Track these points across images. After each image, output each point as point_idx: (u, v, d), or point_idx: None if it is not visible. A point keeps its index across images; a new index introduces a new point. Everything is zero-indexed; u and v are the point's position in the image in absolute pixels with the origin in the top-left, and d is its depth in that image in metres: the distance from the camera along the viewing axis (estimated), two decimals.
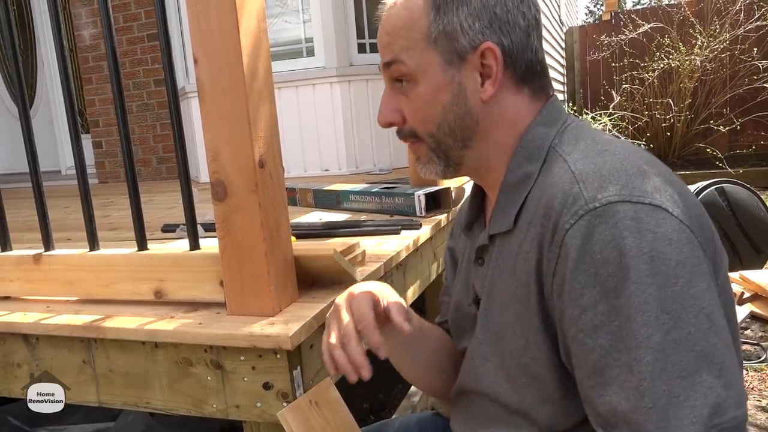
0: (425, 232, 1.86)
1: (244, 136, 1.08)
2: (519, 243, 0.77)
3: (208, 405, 1.17)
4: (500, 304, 0.81)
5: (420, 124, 0.85)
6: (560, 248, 0.68)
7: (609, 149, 0.74)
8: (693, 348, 0.61)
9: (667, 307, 0.62)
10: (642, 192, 0.66)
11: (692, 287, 0.63)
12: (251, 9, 1.09)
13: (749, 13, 6.43)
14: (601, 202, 0.66)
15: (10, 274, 1.41)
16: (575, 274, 0.66)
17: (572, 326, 0.67)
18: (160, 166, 4.69)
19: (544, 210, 0.73)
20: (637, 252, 0.63)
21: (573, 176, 0.71)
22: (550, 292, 0.72)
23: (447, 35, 0.80)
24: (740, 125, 6.42)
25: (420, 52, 0.81)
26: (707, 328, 0.62)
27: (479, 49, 0.80)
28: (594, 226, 0.66)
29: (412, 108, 0.85)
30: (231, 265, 1.15)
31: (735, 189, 3.54)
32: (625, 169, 0.69)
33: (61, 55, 1.26)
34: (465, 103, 0.82)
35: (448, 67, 0.81)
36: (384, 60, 0.85)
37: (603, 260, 0.64)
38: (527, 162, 0.81)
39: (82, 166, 1.31)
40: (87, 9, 4.65)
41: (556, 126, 0.82)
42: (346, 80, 3.58)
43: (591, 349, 0.65)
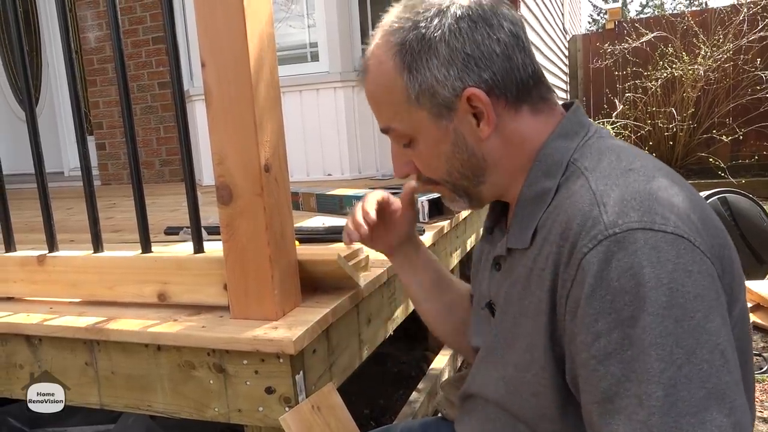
0: (428, 238, 1.86)
1: (250, 140, 1.09)
2: (534, 258, 0.76)
3: (210, 408, 1.17)
4: (512, 316, 0.80)
5: (433, 174, 0.87)
6: (576, 271, 0.67)
7: (634, 168, 0.72)
8: (704, 385, 0.60)
9: (682, 341, 0.61)
10: (664, 219, 0.65)
11: (708, 322, 0.62)
12: (259, 13, 1.09)
13: (753, 23, 6.45)
14: (621, 228, 0.65)
15: (13, 275, 1.41)
16: (590, 300, 0.65)
17: (583, 351, 0.66)
18: (163, 168, 4.69)
19: (561, 229, 0.71)
20: (656, 283, 0.62)
21: (594, 197, 0.69)
22: (562, 313, 0.70)
23: (426, 92, 0.80)
24: (743, 135, 6.42)
25: (407, 113, 0.82)
26: (720, 365, 0.61)
27: (463, 96, 0.79)
28: (613, 252, 0.64)
29: (419, 162, 0.87)
30: (235, 268, 1.15)
31: (737, 199, 3.53)
32: (649, 192, 0.67)
33: (69, 57, 1.27)
34: (466, 147, 0.82)
35: (438, 120, 0.81)
36: (380, 127, 0.88)
37: (620, 288, 0.63)
38: (545, 177, 0.79)
39: (87, 169, 1.31)
40: (92, 11, 4.66)
41: (577, 138, 0.80)
42: (350, 85, 3.59)
43: (602, 377, 0.64)
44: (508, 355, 0.81)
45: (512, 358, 0.80)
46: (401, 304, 1.68)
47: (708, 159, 6.34)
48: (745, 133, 6.46)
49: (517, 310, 0.79)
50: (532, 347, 0.75)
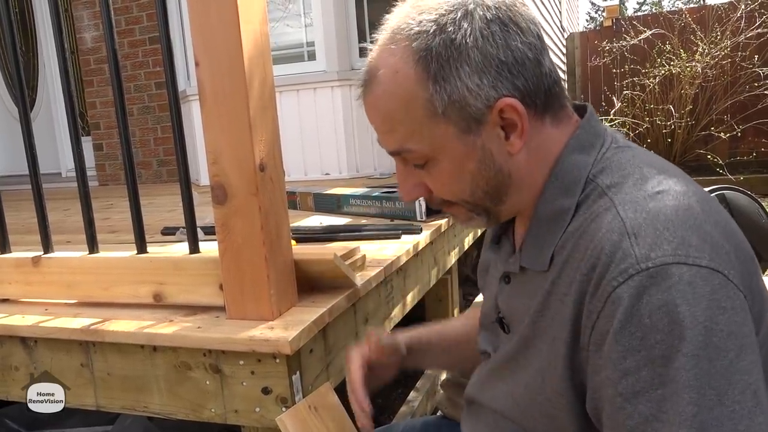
0: (425, 237, 1.85)
1: (244, 139, 1.08)
2: (552, 281, 0.73)
3: (206, 409, 1.16)
4: (523, 336, 0.77)
5: (452, 196, 0.78)
6: (604, 304, 0.64)
7: (662, 190, 0.67)
8: (737, 427, 0.58)
9: (714, 382, 0.58)
10: (699, 252, 0.62)
11: (741, 360, 0.59)
12: (253, 12, 1.09)
13: (750, 20, 6.44)
14: (654, 262, 0.61)
15: (8, 277, 1.40)
16: (619, 337, 0.62)
17: (609, 387, 0.64)
18: (160, 168, 4.69)
19: (587, 257, 0.67)
20: (691, 322, 0.59)
21: (623, 226, 0.65)
22: (585, 343, 0.67)
23: (455, 104, 0.72)
24: (741, 132, 6.41)
25: (428, 130, 0.73)
26: (753, 406, 0.59)
27: (496, 108, 0.72)
28: (645, 287, 0.61)
29: (437, 184, 0.78)
30: (231, 268, 1.15)
31: (736, 196, 3.53)
32: (681, 220, 0.64)
33: (62, 57, 1.26)
34: (493, 163, 0.75)
35: (466, 135, 0.73)
36: (389, 150, 0.77)
37: (652, 326, 0.60)
38: (563, 195, 0.74)
39: (82, 169, 1.30)
40: (89, 11, 4.65)
41: (594, 151, 0.75)
42: (348, 84, 3.59)
43: (629, 415, 0.62)
44: (519, 374, 0.78)
45: (523, 378, 0.77)
46: (398, 303, 1.67)
47: (706, 156, 6.34)
48: (744, 130, 6.45)
49: (530, 331, 0.76)
50: (545, 371, 0.73)
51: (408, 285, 1.76)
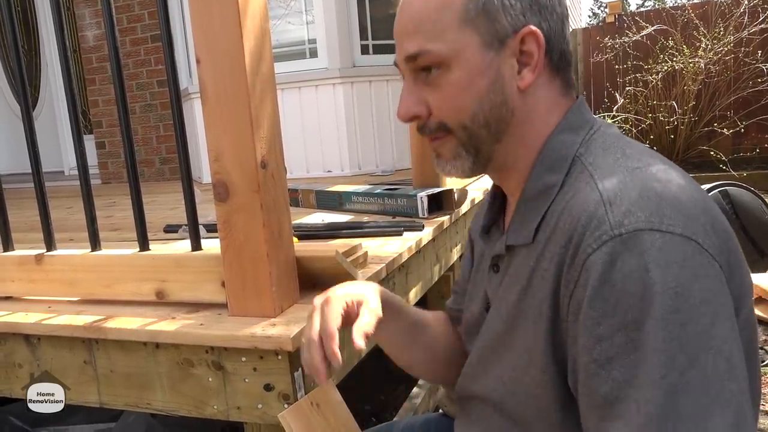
0: (428, 233, 1.85)
1: (246, 136, 1.08)
2: (537, 258, 0.74)
3: (209, 406, 1.17)
4: (510, 315, 0.78)
5: (452, 115, 0.77)
6: (580, 272, 0.65)
7: (641, 167, 0.69)
8: (708, 392, 0.58)
9: (686, 347, 0.59)
10: (672, 220, 0.62)
11: (714, 327, 0.60)
12: (254, 10, 1.09)
13: (754, 15, 6.41)
14: (627, 228, 0.62)
15: (12, 274, 1.41)
16: (593, 302, 0.63)
17: (584, 355, 0.64)
18: (163, 166, 4.69)
19: (566, 229, 0.69)
20: (662, 287, 0.59)
21: (600, 196, 0.67)
22: (565, 315, 0.68)
23: (487, 14, 0.73)
24: (744, 128, 6.39)
25: (454, 34, 0.74)
26: (725, 371, 0.59)
27: (520, 33, 0.74)
28: (618, 253, 0.62)
29: (442, 96, 0.77)
30: (233, 266, 1.15)
31: (739, 192, 3.53)
32: (657, 192, 0.65)
33: (64, 56, 1.26)
34: (502, 90, 0.75)
35: (486, 50, 0.74)
36: (409, 51, 0.76)
37: (624, 291, 0.61)
38: (549, 172, 0.76)
39: (84, 167, 1.31)
40: (91, 10, 4.66)
41: (583, 132, 0.77)
42: (349, 81, 3.59)
43: (603, 381, 0.62)
44: (507, 355, 0.79)
45: (511, 358, 0.78)
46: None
47: (709, 152, 6.32)
48: (747, 126, 6.43)
49: (516, 310, 0.77)
50: (531, 349, 0.73)
51: (410, 282, 1.77)
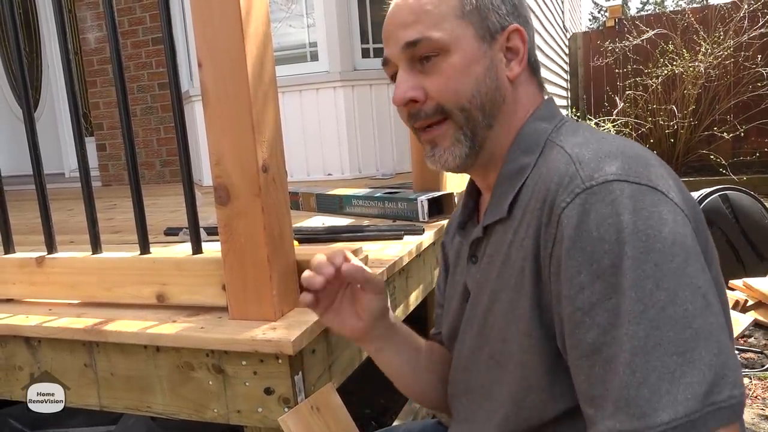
0: (428, 237, 1.85)
1: (247, 140, 1.08)
2: (514, 230, 0.77)
3: (209, 409, 1.17)
4: (492, 292, 0.80)
5: (451, 96, 0.81)
6: (557, 228, 0.68)
7: (607, 138, 0.75)
8: (691, 325, 0.60)
9: (663, 284, 0.61)
10: (639, 173, 0.66)
11: (688, 266, 0.62)
12: (256, 14, 1.09)
13: (753, 20, 6.43)
14: (597, 180, 0.66)
15: (13, 277, 1.41)
16: (571, 253, 0.65)
17: (568, 306, 0.66)
18: (163, 169, 4.70)
19: (540, 193, 0.73)
20: (633, 229, 0.62)
21: (569, 158, 0.71)
22: (547, 275, 0.70)
23: (479, 11, 0.81)
24: (744, 132, 6.40)
25: (452, 24, 0.80)
26: (704, 306, 0.61)
27: (507, 30, 0.82)
28: (591, 204, 0.65)
29: (441, 80, 0.81)
30: (233, 269, 1.15)
31: (739, 196, 3.53)
32: (624, 152, 0.69)
33: (66, 58, 1.27)
34: (496, 78, 0.82)
35: (480, 41, 0.81)
36: (410, 38, 0.80)
37: (599, 238, 0.64)
38: (524, 154, 0.81)
39: (85, 170, 1.31)
40: (92, 12, 4.67)
41: (553, 122, 0.83)
42: (350, 85, 3.59)
43: (588, 328, 0.64)
44: (493, 333, 0.80)
45: (497, 334, 0.79)
46: (401, 303, 1.68)
47: (709, 156, 6.33)
48: (747, 130, 6.44)
49: (499, 285, 0.79)
50: (518, 318, 0.75)
51: (410, 285, 1.77)
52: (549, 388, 0.73)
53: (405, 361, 0.99)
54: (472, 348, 0.86)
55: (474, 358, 0.86)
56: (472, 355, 0.86)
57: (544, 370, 0.73)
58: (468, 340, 0.87)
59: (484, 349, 0.83)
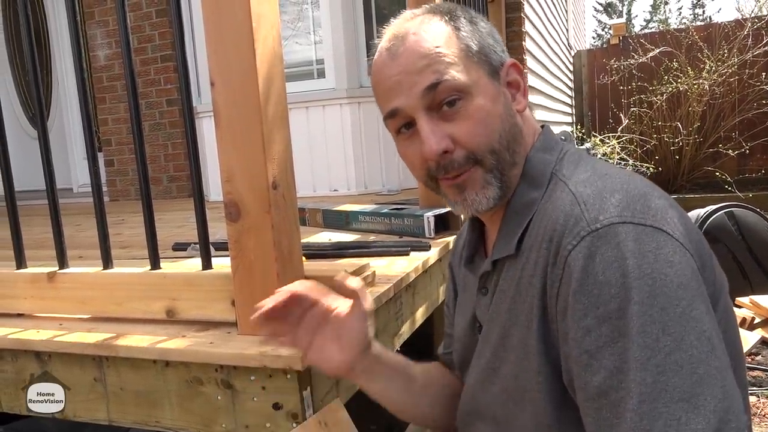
0: (434, 253, 1.86)
1: (258, 158, 1.10)
2: (522, 267, 0.77)
3: (217, 424, 1.17)
4: (503, 327, 0.81)
5: (482, 140, 0.79)
6: (563, 270, 0.68)
7: (609, 174, 0.75)
8: (696, 371, 0.60)
9: (669, 329, 0.61)
10: (643, 214, 0.67)
11: (693, 310, 0.63)
12: (267, 34, 1.11)
13: (757, 38, 6.46)
14: (603, 223, 0.67)
15: (24, 292, 1.42)
16: (578, 296, 0.66)
17: (575, 348, 0.67)
18: (170, 184, 4.73)
19: (546, 232, 0.73)
20: (639, 273, 0.63)
21: (574, 198, 0.72)
22: (554, 314, 0.71)
23: (483, 50, 0.82)
24: (749, 149, 6.41)
25: (465, 66, 0.79)
26: (708, 351, 0.61)
27: (506, 65, 0.83)
28: (596, 247, 0.66)
29: (470, 125, 0.78)
30: (243, 284, 1.16)
31: (744, 213, 3.53)
32: (626, 190, 0.70)
33: (81, 79, 1.29)
34: (511, 113, 0.83)
35: (491, 79, 0.82)
36: (427, 83, 0.77)
37: (605, 281, 0.64)
38: (531, 188, 0.81)
39: (98, 187, 1.33)
40: (102, 30, 4.72)
41: (555, 152, 0.83)
42: (356, 102, 3.62)
43: (595, 371, 0.64)
44: (504, 368, 0.81)
45: (509, 369, 0.80)
46: (408, 319, 1.68)
47: (714, 173, 6.34)
48: (752, 147, 6.45)
49: (509, 321, 0.79)
50: (528, 355, 0.75)
51: (417, 301, 1.77)
52: (558, 425, 0.74)
53: (400, 389, 0.97)
54: (482, 381, 0.87)
55: (486, 390, 0.86)
56: (483, 387, 0.87)
57: (553, 407, 0.74)
58: (479, 372, 0.88)
59: (496, 384, 0.83)
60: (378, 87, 0.84)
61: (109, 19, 4.63)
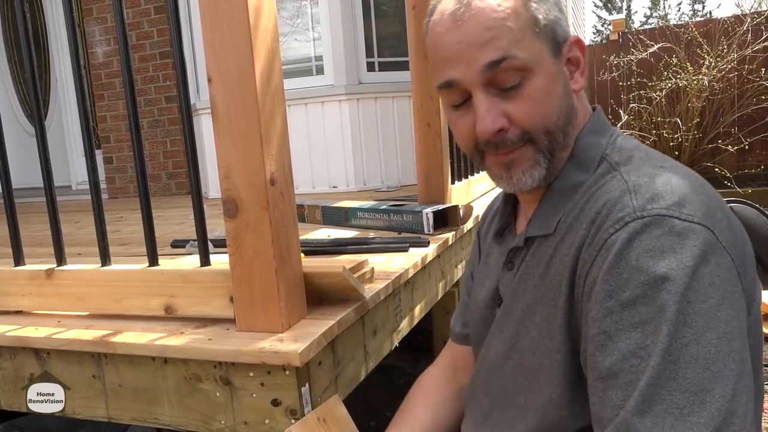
0: (433, 249, 1.86)
1: (255, 154, 1.10)
2: (555, 245, 0.77)
3: (216, 421, 1.17)
4: (526, 304, 0.81)
5: (539, 121, 0.77)
6: (599, 251, 0.69)
7: (665, 166, 0.74)
8: (710, 367, 0.60)
9: (691, 322, 0.61)
10: (692, 211, 0.66)
11: (720, 311, 0.62)
12: (265, 30, 1.11)
13: (756, 34, 6.44)
14: (649, 212, 0.67)
15: (22, 289, 1.42)
16: (606, 277, 0.66)
17: (594, 327, 0.67)
18: (169, 181, 4.72)
19: (589, 214, 0.73)
20: (676, 265, 0.63)
21: (626, 186, 0.71)
22: (580, 294, 0.71)
23: (551, 25, 0.78)
24: (748, 145, 6.40)
25: (530, 43, 0.76)
26: (727, 353, 0.61)
27: (569, 42, 0.80)
28: (637, 233, 0.66)
29: (528, 105, 0.76)
30: (241, 281, 1.16)
31: (744, 209, 3.53)
32: (679, 186, 0.69)
33: (78, 74, 1.29)
34: (569, 93, 0.80)
35: (554, 57, 0.78)
36: (490, 59, 0.74)
37: (637, 267, 0.64)
38: (579, 170, 0.80)
39: (96, 183, 1.33)
40: (101, 27, 4.72)
41: (606, 136, 0.82)
42: (355, 98, 3.62)
43: (610, 352, 0.65)
44: (523, 342, 0.81)
45: (528, 345, 0.80)
46: (406, 315, 1.68)
47: (714, 169, 6.33)
48: (751, 142, 6.44)
49: (534, 298, 0.79)
50: (551, 332, 0.76)
51: (416, 298, 1.77)
52: (570, 404, 0.74)
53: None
54: (499, 355, 0.87)
55: (500, 365, 0.86)
56: (498, 362, 0.87)
57: (567, 386, 0.74)
58: (496, 346, 0.88)
59: (512, 358, 0.83)
60: (435, 53, 0.80)
61: (107, 15, 4.63)
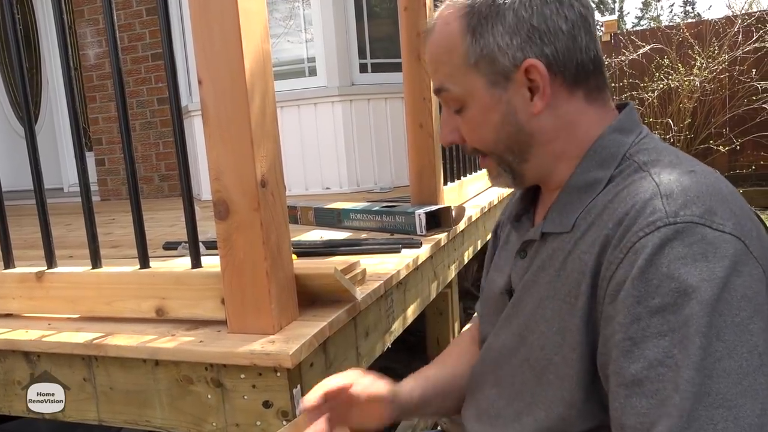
0: (425, 251, 1.86)
1: (246, 156, 1.10)
2: (574, 242, 0.76)
3: (207, 423, 1.17)
4: (538, 299, 0.80)
5: (479, 143, 0.86)
6: (626, 254, 0.68)
7: (696, 170, 0.73)
8: (741, 382, 0.60)
9: (724, 335, 0.61)
10: (724, 221, 0.66)
11: (752, 324, 0.62)
12: (255, 31, 1.11)
13: (747, 35, 6.49)
14: (683, 219, 0.66)
15: (12, 292, 1.41)
16: (636, 282, 0.65)
17: (619, 332, 0.66)
18: (162, 183, 4.71)
19: (616, 214, 0.72)
20: (709, 276, 0.62)
21: (657, 189, 0.70)
22: (602, 296, 0.71)
23: (486, 58, 0.79)
24: (740, 145, 6.44)
25: (462, 77, 0.82)
26: (757, 366, 0.61)
27: (522, 67, 0.78)
28: (669, 239, 0.65)
29: (466, 129, 0.86)
30: (232, 283, 1.16)
31: None
32: (711, 194, 0.68)
33: (68, 76, 1.29)
34: (516, 121, 0.81)
35: (493, 88, 0.81)
36: (434, 87, 0.87)
37: (668, 274, 0.64)
38: (598, 167, 0.79)
39: (86, 185, 1.32)
40: (92, 29, 4.70)
41: (633, 135, 0.81)
42: (348, 99, 3.62)
43: (635, 359, 0.64)
44: (532, 337, 0.80)
45: (537, 341, 0.79)
46: (399, 316, 1.68)
47: None
48: (742, 143, 6.48)
49: (547, 293, 0.78)
50: (565, 330, 0.75)
51: (408, 299, 1.77)
52: (581, 404, 0.74)
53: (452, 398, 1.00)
54: (506, 346, 0.86)
55: (507, 356, 0.86)
56: (505, 353, 0.86)
57: (579, 386, 0.74)
58: (503, 337, 0.87)
59: (520, 351, 0.83)
60: None
61: (99, 17, 4.62)
